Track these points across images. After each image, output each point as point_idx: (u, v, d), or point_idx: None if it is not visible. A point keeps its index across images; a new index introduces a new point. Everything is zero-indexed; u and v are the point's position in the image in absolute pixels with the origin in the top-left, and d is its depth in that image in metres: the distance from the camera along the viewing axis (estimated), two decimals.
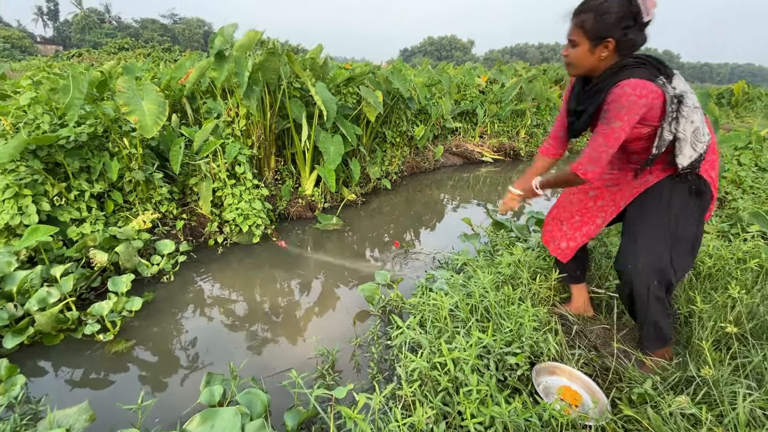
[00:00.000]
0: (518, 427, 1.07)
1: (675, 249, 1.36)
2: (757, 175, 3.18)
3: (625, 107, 1.24)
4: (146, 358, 1.91)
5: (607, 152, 1.30)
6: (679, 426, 1.02)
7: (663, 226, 1.36)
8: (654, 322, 1.39)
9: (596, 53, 1.31)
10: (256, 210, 3.15)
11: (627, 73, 1.28)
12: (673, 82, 1.29)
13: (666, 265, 1.35)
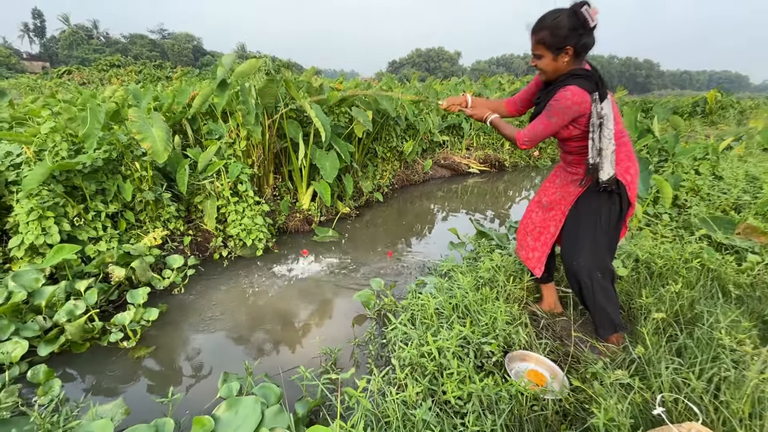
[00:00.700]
0: (490, 400, 1.32)
1: (608, 246, 1.66)
2: (713, 183, 3.52)
3: (563, 108, 1.54)
4: (166, 361, 2.12)
5: (542, 135, 1.62)
6: (617, 393, 1.28)
7: (596, 227, 1.66)
8: (602, 309, 1.67)
9: (559, 60, 1.58)
10: (258, 225, 3.38)
11: (573, 81, 1.56)
12: (602, 103, 1.56)
13: (603, 258, 1.64)
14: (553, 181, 1.94)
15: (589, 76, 1.57)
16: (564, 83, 1.57)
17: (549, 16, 1.55)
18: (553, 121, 1.57)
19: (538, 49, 1.60)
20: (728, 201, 3.16)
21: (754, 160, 4.53)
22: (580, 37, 1.52)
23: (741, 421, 1.18)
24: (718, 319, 1.61)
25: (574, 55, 1.56)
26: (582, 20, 1.49)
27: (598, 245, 1.66)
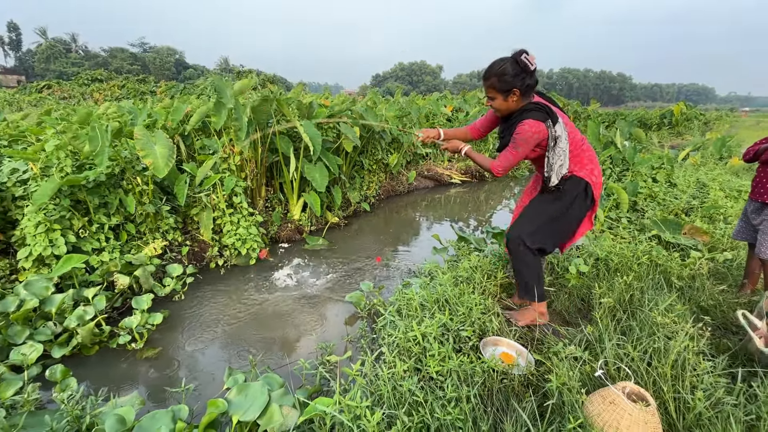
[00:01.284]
0: (467, 375, 1.56)
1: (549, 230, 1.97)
2: (668, 190, 3.91)
3: (525, 139, 1.83)
4: (172, 360, 2.28)
5: (513, 163, 1.91)
6: (570, 364, 1.54)
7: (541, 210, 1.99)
8: (521, 275, 1.99)
9: (509, 100, 1.87)
10: (252, 235, 3.58)
11: (528, 114, 1.85)
12: (555, 127, 1.86)
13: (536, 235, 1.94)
14: (530, 187, 2.25)
15: (539, 109, 1.86)
16: (520, 118, 1.86)
17: (495, 65, 1.83)
18: (519, 150, 1.86)
19: (490, 93, 1.90)
20: (679, 205, 3.53)
21: (705, 169, 4.99)
22: (523, 80, 1.81)
23: (665, 381, 1.45)
24: (658, 304, 1.91)
25: (520, 95, 1.85)
26: (522, 66, 1.78)
27: (534, 222, 1.97)
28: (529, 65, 1.78)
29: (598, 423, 1.33)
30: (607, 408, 1.34)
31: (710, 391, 1.42)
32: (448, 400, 1.40)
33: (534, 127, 1.82)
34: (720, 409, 1.37)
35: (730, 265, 2.64)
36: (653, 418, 1.30)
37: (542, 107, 1.87)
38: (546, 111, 1.86)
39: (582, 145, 1.98)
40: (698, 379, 1.48)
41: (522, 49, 1.79)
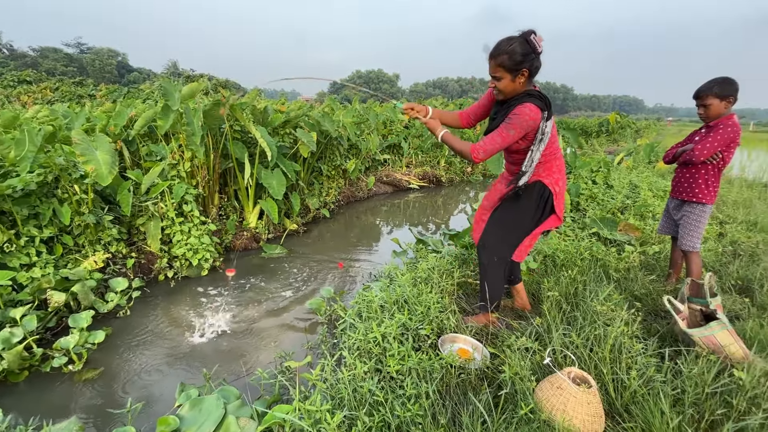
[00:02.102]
0: (425, 372, 1.60)
1: (514, 240, 2.02)
2: (605, 191, 4.26)
3: (521, 122, 1.71)
4: (116, 381, 2.12)
5: (499, 147, 1.75)
6: (521, 355, 1.63)
7: (509, 222, 2.00)
8: (488, 289, 1.99)
9: (516, 81, 1.74)
10: (205, 244, 3.42)
11: (530, 99, 1.75)
12: (548, 122, 1.77)
13: (505, 248, 2.00)
14: (492, 189, 2.18)
15: (541, 97, 1.77)
16: (521, 100, 1.75)
17: (504, 43, 1.71)
18: (512, 133, 1.73)
19: (497, 72, 1.74)
20: (615, 205, 3.86)
21: (636, 172, 5.49)
22: (533, 61, 1.71)
23: (605, 364, 1.58)
24: (598, 295, 2.07)
25: (528, 76, 1.75)
26: (532, 46, 1.69)
27: (505, 236, 2.00)
28: (538, 46, 1.70)
29: (547, 407, 1.42)
30: (555, 393, 1.43)
31: (643, 370, 1.56)
32: (407, 397, 1.42)
33: (534, 112, 1.71)
34: (651, 386, 1.50)
35: (659, 257, 2.92)
36: (595, 399, 1.40)
37: (544, 97, 1.79)
38: (546, 102, 1.78)
39: (557, 153, 1.95)
40: (633, 360, 1.62)
41: (530, 29, 1.69)
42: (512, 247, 2.03)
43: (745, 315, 2.12)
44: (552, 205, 1.97)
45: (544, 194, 1.94)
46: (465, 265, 2.80)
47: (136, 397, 2.00)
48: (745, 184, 6.11)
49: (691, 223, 2.37)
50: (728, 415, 1.43)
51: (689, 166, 2.38)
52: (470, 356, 1.87)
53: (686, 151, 2.33)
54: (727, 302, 2.27)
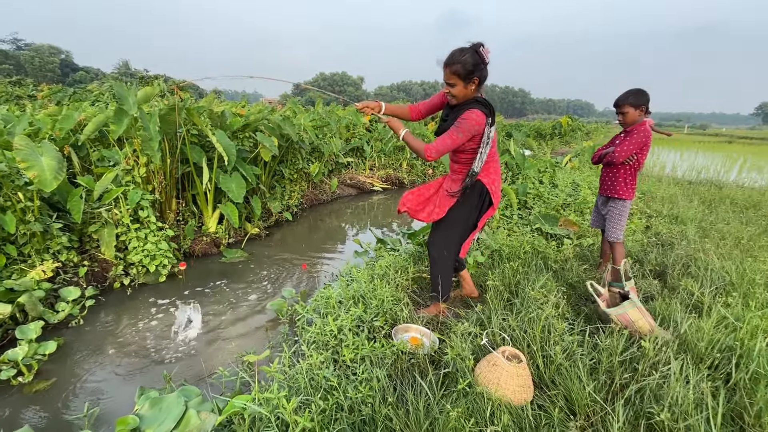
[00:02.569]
0: (378, 358, 1.74)
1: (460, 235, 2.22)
2: (551, 190, 4.62)
3: (468, 127, 1.93)
4: (70, 391, 2.09)
5: (449, 148, 1.96)
6: (464, 339, 1.81)
7: (456, 220, 2.19)
8: (439, 282, 2.18)
9: (467, 88, 1.95)
10: (162, 250, 3.38)
11: (477, 105, 1.97)
12: (492, 128, 2.01)
13: (453, 243, 2.20)
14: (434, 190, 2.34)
15: (487, 104, 2.00)
16: (470, 106, 1.97)
17: (458, 53, 1.91)
18: (460, 136, 1.94)
19: (452, 79, 1.93)
20: (558, 202, 4.21)
21: (579, 172, 5.97)
22: (482, 71, 1.93)
23: (535, 342, 1.79)
24: (536, 283, 2.30)
25: (478, 84, 1.96)
26: (481, 57, 1.90)
27: (452, 232, 2.20)
28: (486, 57, 1.91)
29: (484, 382, 1.60)
30: (491, 369, 1.61)
31: (567, 345, 1.79)
32: (360, 381, 1.56)
33: (479, 118, 1.94)
34: (573, 359, 1.73)
35: (592, 248, 3.24)
36: (524, 372, 1.60)
37: (489, 104, 2.02)
38: (491, 109, 2.01)
39: (495, 156, 2.16)
40: (559, 338, 1.84)
41: (479, 42, 1.90)
42: (460, 241, 2.22)
43: (656, 295, 2.43)
44: (490, 200, 2.20)
45: (483, 192, 2.16)
46: (420, 261, 2.97)
47: (93, 404, 2.00)
48: (673, 182, 6.78)
49: (615, 217, 2.68)
50: (635, 378, 1.67)
51: (611, 167, 2.69)
52: (421, 343, 2.03)
53: (609, 153, 2.64)
54: (645, 286, 2.59)
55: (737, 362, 1.70)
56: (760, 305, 2.11)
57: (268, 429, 1.36)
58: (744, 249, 3.22)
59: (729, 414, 1.49)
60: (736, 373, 1.63)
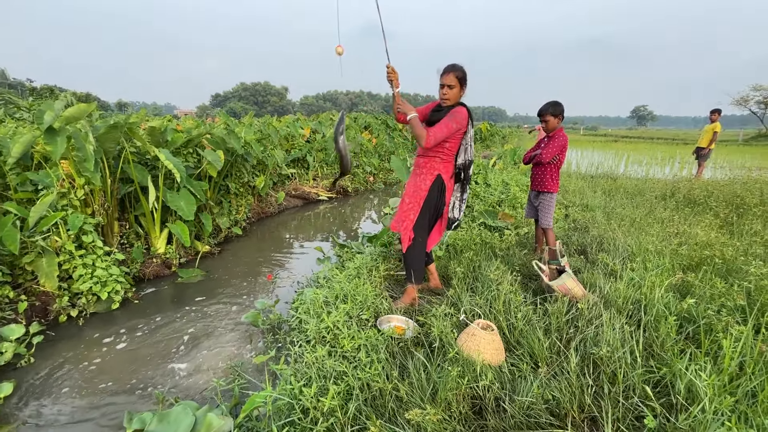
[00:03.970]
0: (372, 345, 1.95)
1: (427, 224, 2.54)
2: (486, 188, 5.21)
3: (461, 118, 2.36)
4: (39, 430, 1.95)
5: (443, 136, 2.31)
6: (443, 319, 2.10)
7: (425, 210, 2.51)
8: (410, 266, 2.49)
9: (461, 92, 2.42)
10: (114, 275, 3.19)
11: (463, 105, 2.45)
12: (472, 127, 2.49)
13: (423, 231, 2.51)
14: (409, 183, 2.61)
15: (468, 109, 2.46)
16: (458, 105, 2.42)
17: (455, 65, 2.38)
18: (453, 126, 2.32)
19: (453, 81, 2.36)
20: (494, 199, 4.78)
21: (506, 172, 6.76)
22: (467, 82, 2.44)
23: (500, 314, 2.14)
24: (489, 268, 2.69)
25: (464, 89, 2.44)
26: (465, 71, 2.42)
27: (424, 221, 2.52)
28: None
29: (466, 350, 1.89)
30: (470, 338, 1.92)
31: (526, 314, 2.17)
32: (364, 365, 1.75)
33: (465, 114, 2.39)
34: (531, 325, 2.11)
35: (528, 236, 3.79)
36: (497, 338, 1.93)
37: (469, 109, 2.48)
38: (470, 113, 2.46)
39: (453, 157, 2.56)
40: (518, 309, 2.22)
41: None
42: (426, 229, 2.53)
43: (582, 269, 2.98)
44: (445, 195, 2.55)
45: (442, 186, 2.53)
46: (386, 260, 3.23)
47: None
48: (580, 177, 7.95)
49: (545, 207, 3.21)
50: (579, 331, 2.10)
51: (540, 166, 3.23)
52: (404, 330, 2.28)
53: (537, 155, 3.16)
54: (573, 262, 3.14)
55: (645, 310, 2.22)
56: (653, 267, 2.73)
57: (290, 417, 1.50)
58: (638, 227, 4.02)
59: (644, 345, 1.97)
60: (645, 317, 2.14)
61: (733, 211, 4.39)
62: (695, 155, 8.15)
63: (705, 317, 2.11)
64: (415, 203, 2.53)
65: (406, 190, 2.63)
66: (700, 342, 1.94)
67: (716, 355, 1.83)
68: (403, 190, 2.70)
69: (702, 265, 2.91)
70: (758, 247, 3.17)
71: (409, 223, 2.52)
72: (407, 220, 2.53)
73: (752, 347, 1.74)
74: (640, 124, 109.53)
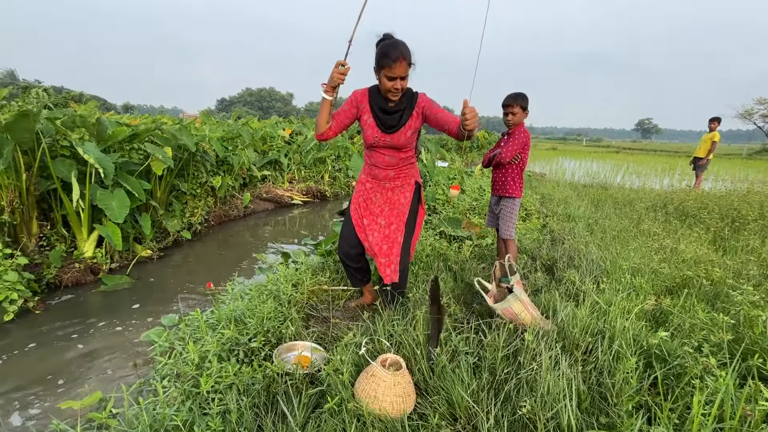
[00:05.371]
0: (246, 385, 1.52)
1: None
2: (460, 196, 4.79)
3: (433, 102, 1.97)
4: None
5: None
6: (345, 349, 1.67)
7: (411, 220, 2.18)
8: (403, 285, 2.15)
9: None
10: (9, 282, 2.79)
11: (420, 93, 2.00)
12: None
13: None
14: (373, 201, 2.15)
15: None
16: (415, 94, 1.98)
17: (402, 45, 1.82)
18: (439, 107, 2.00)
19: (407, 71, 1.85)
20: (465, 206, 4.36)
21: (487, 178, 6.35)
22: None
23: (418, 345, 1.71)
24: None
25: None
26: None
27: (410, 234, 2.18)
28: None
29: (362, 395, 1.46)
30: (369, 380, 1.49)
31: (455, 345, 1.73)
32: (212, 416, 1.32)
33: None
34: (458, 360, 1.67)
35: (492, 248, 3.36)
36: (403, 380, 1.50)
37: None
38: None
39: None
40: (445, 339, 1.78)
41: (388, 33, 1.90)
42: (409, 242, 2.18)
43: (545, 288, 2.54)
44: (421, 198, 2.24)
45: (419, 192, 2.20)
46: (322, 272, 2.80)
47: None
48: (570, 186, 7.51)
49: (507, 215, 2.79)
50: (517, 371, 1.66)
51: (500, 168, 2.81)
52: (309, 361, 1.85)
53: (496, 155, 2.75)
54: (536, 279, 2.70)
55: (609, 344, 1.78)
56: (625, 288, 2.29)
57: None
58: (620, 240, 3.57)
59: (596, 396, 1.53)
60: (602, 354, 1.70)
61: (727, 225, 3.94)
62: (692, 166, 7.70)
63: (678, 356, 1.67)
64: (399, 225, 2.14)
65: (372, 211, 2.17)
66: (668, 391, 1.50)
67: (686, 412, 1.39)
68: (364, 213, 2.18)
69: (685, 287, 2.47)
70: (753, 267, 2.72)
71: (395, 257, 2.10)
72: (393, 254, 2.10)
73: (733, 405, 1.30)
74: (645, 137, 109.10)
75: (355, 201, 2.21)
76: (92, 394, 1.47)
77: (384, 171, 2.10)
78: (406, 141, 2.00)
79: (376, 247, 2.10)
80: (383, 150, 2.04)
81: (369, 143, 2.04)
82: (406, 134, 1.99)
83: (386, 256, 2.10)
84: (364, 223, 2.16)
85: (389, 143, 2.00)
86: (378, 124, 1.98)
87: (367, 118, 2.00)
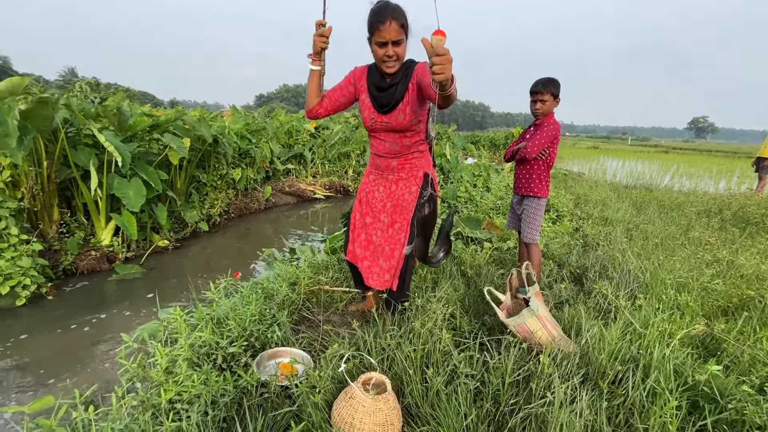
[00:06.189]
0: (215, 396, 1.37)
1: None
2: (483, 193, 4.47)
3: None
4: None
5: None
6: (326, 364, 1.48)
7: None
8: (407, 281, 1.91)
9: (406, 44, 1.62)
10: (22, 268, 2.83)
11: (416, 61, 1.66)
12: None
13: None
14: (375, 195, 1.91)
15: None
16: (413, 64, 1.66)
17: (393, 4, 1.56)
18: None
19: (400, 35, 1.56)
20: (489, 205, 4.04)
21: None
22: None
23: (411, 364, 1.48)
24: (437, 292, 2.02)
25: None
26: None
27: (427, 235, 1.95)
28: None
29: (337, 421, 1.27)
30: (347, 403, 1.29)
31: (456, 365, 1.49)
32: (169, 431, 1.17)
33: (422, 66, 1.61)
34: (457, 383, 1.43)
35: (514, 252, 3.05)
36: (386, 405, 1.28)
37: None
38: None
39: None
40: (444, 357, 1.55)
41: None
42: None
43: (572, 300, 2.23)
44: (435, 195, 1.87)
45: (428, 184, 1.82)
46: (325, 271, 2.63)
47: None
48: (610, 187, 6.92)
49: (530, 216, 2.48)
50: (528, 401, 1.40)
51: (525, 164, 2.50)
52: (293, 371, 1.67)
53: (520, 149, 2.45)
54: (563, 290, 2.39)
55: (643, 376, 1.48)
56: (666, 308, 1.95)
57: None
58: (664, 248, 3.15)
59: None
60: (633, 389, 1.40)
61: None
62: (755, 167, 6.86)
63: (734, 398, 1.35)
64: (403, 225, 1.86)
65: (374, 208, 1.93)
66: None
67: None
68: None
69: (744, 308, 2.07)
70: None
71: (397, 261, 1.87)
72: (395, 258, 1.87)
73: None
74: (699, 136, 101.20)
75: (358, 197, 2.01)
76: (42, 399, 1.36)
77: (386, 160, 1.83)
78: (406, 122, 1.69)
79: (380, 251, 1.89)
80: (383, 134, 1.77)
81: (367, 126, 1.81)
82: (404, 113, 1.68)
83: (387, 259, 1.88)
84: (366, 221, 1.94)
85: (387, 125, 1.72)
86: (373, 103, 1.73)
87: (364, 97, 1.76)
